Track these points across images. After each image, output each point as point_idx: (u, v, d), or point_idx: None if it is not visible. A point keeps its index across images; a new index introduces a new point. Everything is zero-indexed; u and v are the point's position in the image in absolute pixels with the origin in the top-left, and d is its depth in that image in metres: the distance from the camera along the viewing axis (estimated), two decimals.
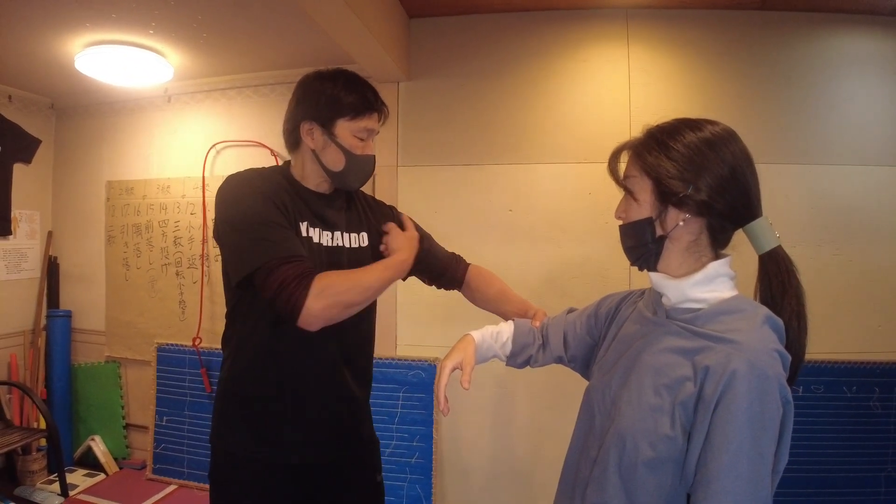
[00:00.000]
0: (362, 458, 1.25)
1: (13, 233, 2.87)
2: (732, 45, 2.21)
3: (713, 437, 0.67)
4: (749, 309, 0.74)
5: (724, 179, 0.75)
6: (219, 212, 1.06)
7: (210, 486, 1.16)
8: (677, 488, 0.72)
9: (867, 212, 2.15)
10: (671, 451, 0.71)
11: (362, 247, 1.19)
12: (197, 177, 2.76)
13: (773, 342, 0.70)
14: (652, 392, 0.75)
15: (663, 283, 0.80)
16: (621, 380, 0.81)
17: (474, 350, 1.00)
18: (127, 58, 2.31)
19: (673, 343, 0.76)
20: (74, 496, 2.54)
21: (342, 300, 0.97)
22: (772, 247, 0.77)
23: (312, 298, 0.93)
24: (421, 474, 2.30)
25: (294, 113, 1.11)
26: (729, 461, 0.65)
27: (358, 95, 1.07)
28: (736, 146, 0.77)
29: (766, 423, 0.66)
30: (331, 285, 0.96)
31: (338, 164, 1.10)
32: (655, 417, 0.73)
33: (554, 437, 2.23)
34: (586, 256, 2.24)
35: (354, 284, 1.00)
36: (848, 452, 2.09)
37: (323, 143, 1.09)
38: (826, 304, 2.13)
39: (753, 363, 0.67)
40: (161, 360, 2.77)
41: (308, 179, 1.14)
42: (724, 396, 0.67)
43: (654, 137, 0.79)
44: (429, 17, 2.37)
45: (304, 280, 0.94)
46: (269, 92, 2.70)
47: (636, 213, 0.81)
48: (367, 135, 1.11)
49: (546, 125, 2.29)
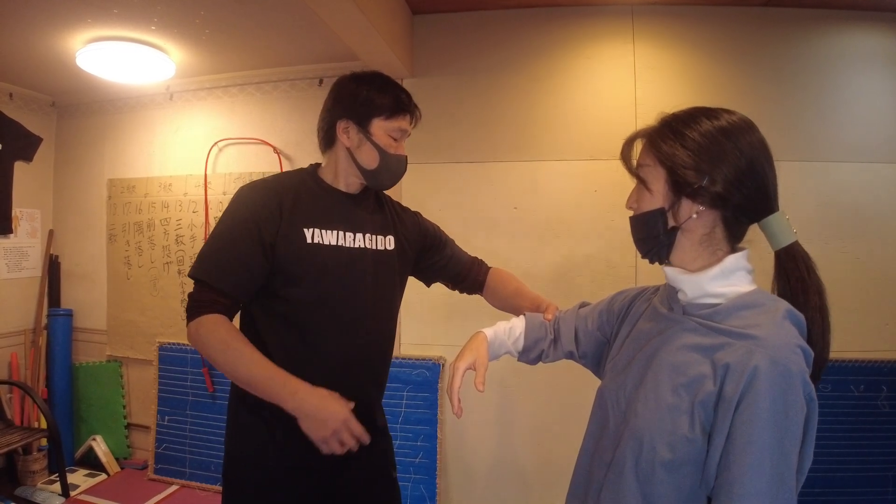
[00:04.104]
0: (379, 449, 1.25)
1: (14, 231, 2.85)
2: (738, 42, 2.20)
3: (735, 438, 0.64)
4: (769, 303, 0.71)
5: (740, 171, 0.72)
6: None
7: (223, 485, 1.16)
8: (696, 491, 0.69)
9: (874, 209, 2.14)
10: (690, 453, 0.69)
11: (388, 250, 1.21)
12: (199, 174, 2.75)
13: (794, 337, 0.68)
14: (670, 391, 0.72)
15: (679, 278, 0.77)
16: (636, 379, 0.78)
17: (487, 348, 0.98)
18: (128, 54, 2.30)
19: (691, 340, 0.73)
20: (75, 496, 2.52)
21: (207, 353, 1.03)
22: (789, 242, 0.75)
23: (194, 327, 1.03)
24: (425, 474, 2.29)
25: (330, 112, 1.14)
26: (752, 463, 0.63)
27: (392, 96, 1.11)
28: (754, 136, 0.74)
29: (789, 423, 0.63)
30: (210, 335, 1.01)
31: (372, 162, 1.12)
32: (674, 418, 0.70)
33: (559, 437, 2.22)
34: (592, 254, 2.23)
35: (225, 360, 1.02)
36: (855, 452, 2.08)
37: (358, 141, 1.12)
38: (833, 301, 2.09)
39: (776, 359, 0.64)
40: (163, 359, 2.76)
41: (338, 179, 1.16)
42: (745, 395, 0.64)
43: (668, 125, 0.77)
44: (433, 14, 2.35)
45: (201, 309, 1.03)
46: (271, 89, 2.68)
47: (648, 204, 0.77)
48: (401, 135, 1.14)
49: (551, 122, 2.27)
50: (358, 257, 1.14)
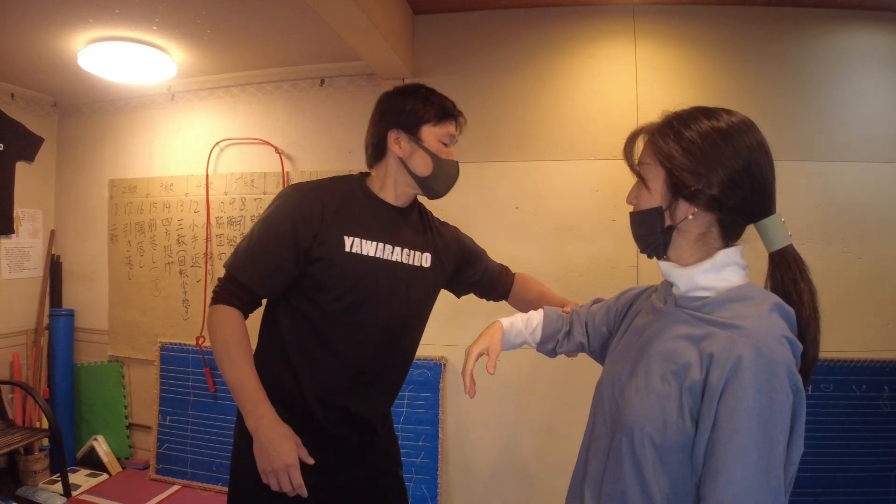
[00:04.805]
0: (385, 448, 1.28)
1: (16, 231, 2.86)
2: (739, 41, 2.19)
3: (720, 426, 0.65)
4: (758, 296, 0.72)
5: (736, 174, 0.73)
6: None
7: (230, 479, 1.17)
8: (687, 477, 0.70)
9: (876, 209, 2.14)
10: (680, 439, 0.70)
11: (424, 267, 1.21)
12: (200, 175, 2.75)
13: (781, 328, 0.69)
14: (659, 379, 0.73)
15: (673, 272, 0.79)
16: (630, 370, 0.80)
17: (501, 337, 1.02)
18: (130, 55, 2.30)
19: (681, 330, 0.75)
20: (77, 496, 2.52)
21: (211, 339, 1.09)
22: (783, 245, 0.76)
23: (211, 310, 1.10)
24: (426, 474, 2.29)
25: (378, 126, 1.16)
26: (737, 450, 0.63)
27: (437, 103, 1.15)
28: (753, 138, 0.74)
29: (774, 411, 0.64)
30: (219, 326, 1.07)
31: (426, 168, 1.14)
32: (663, 404, 0.71)
33: (560, 436, 2.22)
34: (593, 253, 2.23)
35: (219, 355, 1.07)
36: (857, 452, 2.07)
37: (410, 149, 1.14)
38: (835, 301, 2.11)
39: (760, 349, 0.65)
40: (164, 359, 2.76)
41: (387, 191, 1.17)
42: (729, 384, 0.65)
43: (669, 125, 0.77)
44: (434, 14, 2.35)
45: (221, 298, 1.08)
46: (273, 89, 2.69)
47: (647, 202, 0.79)
48: (450, 140, 1.17)
49: (553, 122, 2.27)
50: (393, 271, 1.15)
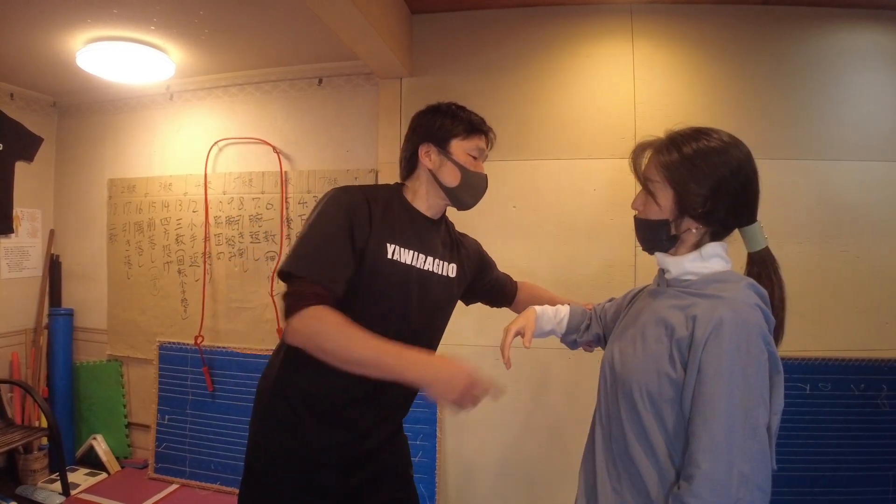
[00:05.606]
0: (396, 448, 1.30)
1: (15, 231, 2.86)
2: (736, 41, 2.19)
3: (705, 369, 0.77)
4: (735, 279, 0.86)
5: (738, 201, 0.87)
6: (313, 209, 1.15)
7: (244, 473, 1.19)
8: (679, 420, 0.81)
9: (873, 208, 2.13)
10: (672, 387, 0.81)
11: (450, 277, 1.26)
12: (199, 174, 2.75)
13: (755, 299, 0.82)
14: (653, 340, 0.86)
15: (665, 260, 0.93)
16: (626, 341, 0.92)
17: (535, 319, 1.15)
18: (129, 54, 2.30)
19: (671, 303, 0.88)
20: (76, 495, 2.53)
21: (316, 342, 0.99)
22: (761, 247, 0.91)
23: (298, 320, 0.99)
24: (425, 473, 2.29)
25: (411, 140, 1.23)
26: (721, 389, 0.75)
27: (466, 119, 1.20)
28: (751, 167, 0.87)
29: (750, 360, 0.76)
30: (319, 322, 0.98)
31: (454, 180, 1.19)
32: (657, 359, 0.84)
33: (559, 435, 2.22)
34: (591, 252, 2.23)
35: (338, 344, 0.98)
36: (855, 451, 2.07)
37: (440, 161, 1.19)
38: (833, 300, 2.11)
39: (737, 311, 0.78)
40: (163, 358, 2.76)
41: (419, 202, 1.23)
42: (711, 336, 0.77)
43: (681, 152, 0.87)
44: (431, 13, 2.35)
45: (304, 301, 0.99)
46: (271, 89, 2.69)
47: (655, 214, 0.90)
48: (479, 154, 1.22)
49: (550, 121, 2.27)
50: (426, 279, 1.19)
